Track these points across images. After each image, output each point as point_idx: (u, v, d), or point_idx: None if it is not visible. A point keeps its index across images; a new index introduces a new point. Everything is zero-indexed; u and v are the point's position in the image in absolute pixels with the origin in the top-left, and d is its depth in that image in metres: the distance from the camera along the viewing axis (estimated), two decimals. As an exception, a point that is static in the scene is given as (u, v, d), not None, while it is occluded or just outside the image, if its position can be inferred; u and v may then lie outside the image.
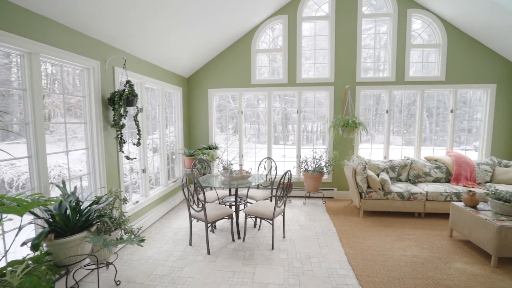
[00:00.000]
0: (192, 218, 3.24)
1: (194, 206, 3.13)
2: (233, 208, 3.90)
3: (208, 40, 4.55)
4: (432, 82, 5.00)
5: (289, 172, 3.27)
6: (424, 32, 5.04)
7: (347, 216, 4.30)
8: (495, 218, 2.95)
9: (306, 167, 5.07)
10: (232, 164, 3.83)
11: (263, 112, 6.10)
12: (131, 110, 3.52)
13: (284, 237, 3.54)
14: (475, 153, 5.30)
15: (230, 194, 4.00)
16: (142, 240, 2.05)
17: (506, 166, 4.56)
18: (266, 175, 4.43)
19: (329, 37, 5.10)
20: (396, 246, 3.26)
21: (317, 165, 4.98)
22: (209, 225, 3.04)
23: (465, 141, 5.44)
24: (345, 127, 4.57)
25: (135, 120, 3.16)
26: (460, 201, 4.10)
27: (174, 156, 5.17)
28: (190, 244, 3.31)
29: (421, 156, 5.19)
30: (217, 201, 3.95)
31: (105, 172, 3.02)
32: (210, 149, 5.25)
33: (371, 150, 5.42)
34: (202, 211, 3.01)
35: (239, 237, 3.48)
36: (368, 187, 4.31)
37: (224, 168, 5.15)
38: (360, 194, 4.28)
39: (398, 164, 4.73)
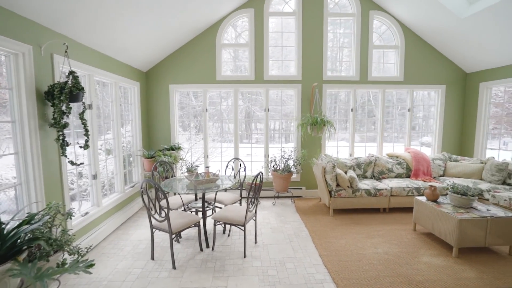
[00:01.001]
0: (154, 229, 2.86)
1: (156, 216, 2.76)
2: (200, 214, 3.59)
3: (168, 30, 4.13)
4: (392, 82, 5.22)
5: (260, 174, 3.07)
6: (385, 33, 5.25)
7: (317, 216, 4.26)
8: (455, 211, 3.11)
9: (275, 166, 4.94)
10: (197, 166, 3.52)
11: (226, 110, 5.82)
12: (77, 107, 3.00)
13: (256, 242, 3.34)
14: (425, 148, 5.69)
15: (196, 199, 3.67)
16: (91, 266, 1.67)
17: (455, 160, 4.95)
18: (235, 177, 4.19)
19: (296, 34, 5.02)
20: (367, 244, 3.27)
21: (285, 165, 4.88)
22: (173, 235, 2.71)
23: (413, 138, 5.82)
24: (314, 125, 4.54)
25: (82, 119, 2.67)
26: (421, 195, 4.34)
27: (131, 159, 4.65)
28: (152, 259, 2.93)
29: (383, 153, 5.41)
30: (182, 208, 3.60)
31: (42, 182, 2.49)
32: (173, 149, 4.83)
33: (337, 148, 5.50)
34: (166, 221, 2.66)
35: (207, 246, 3.19)
36: (337, 185, 4.32)
37: (189, 170, 4.78)
38: (330, 192, 4.28)
39: (364, 161, 4.85)
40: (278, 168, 4.91)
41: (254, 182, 2.95)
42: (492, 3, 3.71)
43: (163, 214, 2.61)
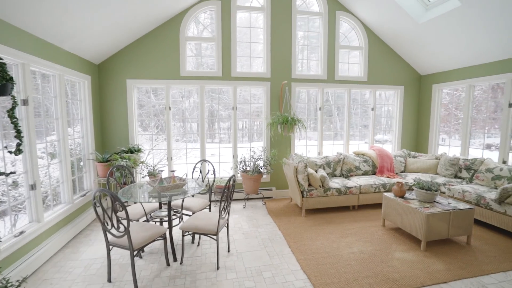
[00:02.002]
0: (111, 246, 2.45)
1: (113, 230, 2.36)
2: (166, 224, 3.24)
3: (124, 16, 3.66)
4: (357, 82, 5.37)
5: (233, 177, 2.83)
6: (350, 34, 5.37)
7: (289, 217, 4.16)
8: (422, 206, 3.23)
9: (244, 167, 4.74)
10: (161, 170, 3.15)
11: (189, 109, 5.45)
12: (4, 102, 2.44)
13: (229, 250, 3.09)
14: (379, 145, 5.99)
15: (160, 207, 3.29)
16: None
17: (414, 157, 5.27)
18: (203, 180, 3.88)
19: (265, 30, 4.87)
20: (342, 244, 3.24)
21: (255, 165, 4.70)
22: (135, 251, 2.33)
23: (367, 136, 6.10)
24: (285, 124, 4.43)
25: (11, 117, 2.15)
26: (387, 191, 4.50)
27: (82, 163, 4.05)
28: (109, 281, 2.51)
29: (349, 151, 5.54)
30: (145, 218, 3.20)
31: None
32: (132, 152, 4.33)
33: (306, 147, 5.50)
34: (125, 236, 2.28)
35: (175, 260, 2.86)
36: (309, 185, 4.27)
37: (151, 175, 4.33)
38: (302, 192, 4.21)
39: (333, 160, 4.89)
40: (248, 169, 4.72)
41: (227, 186, 2.70)
42: (445, 11, 3.97)
43: (121, 228, 2.23)
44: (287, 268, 2.73)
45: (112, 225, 2.24)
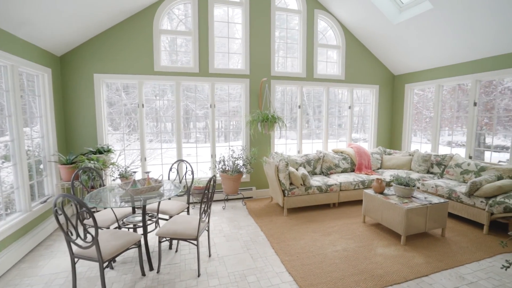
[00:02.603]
0: (77, 259, 2.17)
1: (79, 241, 2.09)
2: (141, 231, 2.98)
3: (90, 4, 3.33)
4: (335, 80, 5.42)
5: (214, 177, 2.67)
6: (328, 33, 5.41)
7: (271, 217, 4.07)
8: (401, 202, 3.29)
9: (223, 167, 4.57)
10: (135, 172, 2.88)
11: (163, 108, 5.17)
12: None
13: (210, 255, 2.92)
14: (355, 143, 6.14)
15: (134, 212, 3.03)
16: None
17: (389, 154, 5.44)
18: (180, 181, 3.66)
19: (243, 26, 4.74)
20: (326, 242, 3.21)
21: (235, 165, 4.56)
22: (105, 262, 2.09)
23: (342, 134, 6.24)
24: (265, 122, 4.33)
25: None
26: (366, 188, 4.57)
27: (42, 166, 3.63)
28: (74, 297, 2.23)
29: (328, 149, 5.59)
30: (116, 224, 2.92)
31: None
32: (101, 153, 3.98)
33: (286, 146, 5.45)
34: (94, 246, 2.03)
35: (151, 268, 2.63)
36: (291, 183, 4.21)
37: (122, 177, 4.01)
38: (283, 191, 4.14)
39: (313, 158, 4.88)
40: (227, 168, 4.55)
41: (207, 187, 2.53)
42: (418, 12, 4.11)
43: (89, 238, 1.97)
44: (272, 271, 2.63)
45: (78, 235, 1.97)
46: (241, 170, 4.55)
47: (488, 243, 3.19)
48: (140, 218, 2.91)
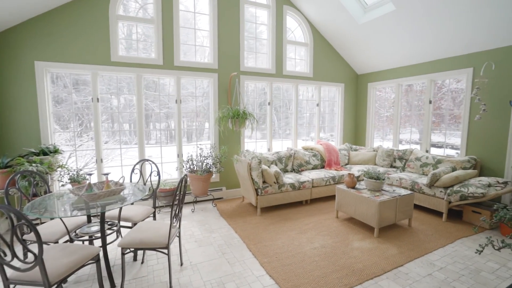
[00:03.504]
0: (14, 285, 1.74)
1: (16, 262, 1.68)
2: (99, 242, 2.58)
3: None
4: (303, 78, 5.44)
5: (185, 177, 2.40)
6: (297, 30, 5.41)
7: (244, 217, 3.89)
8: (373, 195, 3.37)
9: (192, 167, 4.27)
10: (90, 174, 2.46)
11: (120, 107, 4.67)
12: None
13: (181, 264, 2.64)
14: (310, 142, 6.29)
15: (89, 221, 2.61)
16: None
17: (355, 150, 5.64)
18: (144, 184, 3.29)
19: (211, 17, 4.48)
20: (303, 240, 3.13)
21: (205, 164, 4.29)
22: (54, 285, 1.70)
23: (302, 134, 6.38)
24: (236, 118, 4.14)
25: None
26: (337, 183, 4.64)
27: (-36, 172, 2.96)
28: (12, 331, 1.79)
29: (297, 146, 5.59)
30: (67, 237, 2.48)
31: None
32: (46, 154, 3.40)
33: (256, 143, 5.32)
34: (37, 267, 1.63)
35: (113, 286, 2.26)
36: (264, 182, 4.08)
37: (74, 181, 3.49)
38: (256, 190, 3.99)
39: (284, 155, 4.82)
40: (196, 168, 4.26)
41: (179, 188, 2.26)
42: (382, 14, 4.29)
43: (30, 257, 1.58)
44: (251, 275, 2.45)
45: (14, 255, 1.57)
46: (211, 169, 4.29)
47: (448, 230, 3.43)
48: (97, 228, 2.51)
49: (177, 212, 2.35)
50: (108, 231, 2.56)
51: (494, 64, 3.82)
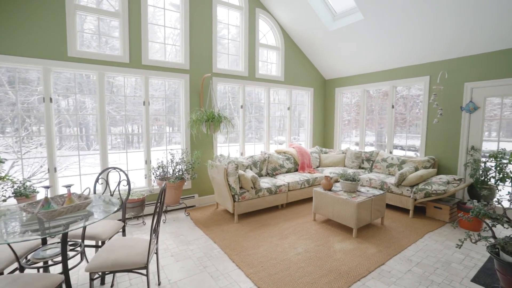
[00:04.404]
0: None
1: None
2: (59, 268, 2.20)
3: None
4: (275, 81, 5.46)
5: (165, 185, 2.17)
6: (269, 34, 5.41)
7: (221, 226, 3.70)
8: (350, 196, 3.46)
9: (163, 174, 3.95)
10: (47, 187, 2.05)
11: (70, 108, 4.18)
12: None
13: (159, 283, 2.37)
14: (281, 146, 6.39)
15: (45, 243, 2.20)
16: None
17: (325, 153, 5.81)
18: (112, 194, 2.92)
19: (183, 16, 4.24)
20: (286, 246, 3.07)
21: (177, 170, 4.01)
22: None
23: (278, 134, 6.47)
24: (211, 121, 3.95)
25: None
26: (312, 186, 4.70)
27: None
28: None
29: (270, 150, 5.57)
30: (17, 265, 2.06)
31: None
32: (-19, 165, 2.82)
33: (228, 148, 5.16)
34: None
35: (78, 318, 1.92)
36: (241, 187, 3.95)
37: (20, 195, 2.96)
38: (233, 196, 3.83)
39: (259, 159, 4.75)
40: (168, 175, 3.96)
41: (160, 198, 2.03)
42: (350, 22, 4.50)
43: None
44: (239, 289, 2.30)
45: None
46: (184, 176, 4.02)
47: (416, 225, 3.67)
48: (56, 251, 2.12)
49: (156, 226, 2.10)
50: (71, 254, 2.19)
51: (448, 73, 4.25)
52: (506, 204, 3.66)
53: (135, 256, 1.98)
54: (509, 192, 2.05)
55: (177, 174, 3.97)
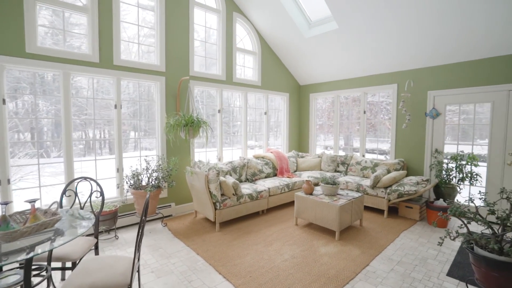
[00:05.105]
0: None
1: None
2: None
3: None
4: (252, 86, 5.44)
5: (148, 197, 1.99)
6: (246, 38, 5.38)
7: (202, 235, 3.54)
8: (332, 200, 3.52)
9: (138, 183, 3.68)
10: (4, 204, 1.74)
11: (20, 111, 3.75)
12: None
13: (141, 303, 2.16)
14: (258, 150, 6.43)
15: (0, 271, 1.88)
16: None
17: (302, 157, 5.90)
18: (82, 207, 2.63)
19: (158, 15, 4.03)
20: (272, 253, 3.01)
21: (154, 178, 3.76)
22: None
23: (236, 142, 6.50)
24: (190, 126, 3.78)
25: None
26: (292, 191, 4.72)
27: None
28: None
29: (247, 155, 5.51)
30: (-35, 297, 1.72)
31: None
32: None
33: (206, 153, 4.99)
34: None
35: None
36: (222, 194, 3.82)
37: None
38: (215, 204, 3.69)
39: (238, 164, 4.66)
40: (143, 183, 3.69)
41: (144, 209, 1.85)
42: (326, 30, 4.66)
43: None
44: (231, 302, 2.18)
45: None
46: (161, 184, 3.78)
47: (391, 225, 3.86)
48: (16, 278, 1.82)
49: (138, 241, 1.91)
50: (37, 279, 1.90)
51: (413, 82, 4.59)
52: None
53: (116, 277, 1.77)
54: (480, 191, 2.24)
55: (153, 182, 3.72)
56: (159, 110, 4.13)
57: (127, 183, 3.66)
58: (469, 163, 3.97)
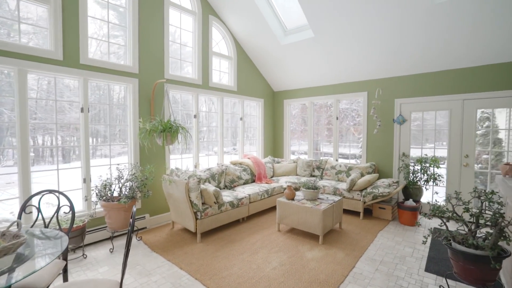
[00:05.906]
0: None
1: None
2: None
3: None
4: (228, 91, 5.35)
5: (133, 210, 1.80)
6: (221, 42, 5.30)
7: (183, 248, 3.32)
8: (314, 204, 3.57)
9: (110, 194, 3.34)
10: None
11: None
12: None
13: (123, 331, 1.92)
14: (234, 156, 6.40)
15: None
16: None
17: (278, 162, 5.94)
18: (46, 226, 2.28)
19: (129, 12, 3.77)
20: (259, 262, 2.93)
21: (128, 188, 3.45)
22: None
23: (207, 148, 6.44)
24: (168, 132, 3.56)
25: None
26: (271, 196, 4.69)
27: None
28: None
29: (224, 161, 5.37)
30: None
31: None
32: None
33: (181, 160, 4.75)
34: None
35: None
36: (203, 203, 3.64)
37: None
38: (196, 213, 3.50)
39: (217, 171, 4.51)
40: (116, 194, 3.36)
41: (132, 228, 1.66)
42: (302, 38, 4.80)
43: None
44: (225, 319, 2.05)
45: None
46: (135, 195, 3.48)
47: (368, 226, 4.03)
48: (-33, 316, 1.48)
49: (125, 259, 1.70)
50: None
51: (382, 90, 4.91)
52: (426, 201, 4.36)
53: (100, 304, 1.54)
54: (455, 191, 2.44)
55: (126, 192, 3.40)
56: (131, 114, 3.83)
57: (96, 195, 3.30)
58: (432, 165, 4.34)
